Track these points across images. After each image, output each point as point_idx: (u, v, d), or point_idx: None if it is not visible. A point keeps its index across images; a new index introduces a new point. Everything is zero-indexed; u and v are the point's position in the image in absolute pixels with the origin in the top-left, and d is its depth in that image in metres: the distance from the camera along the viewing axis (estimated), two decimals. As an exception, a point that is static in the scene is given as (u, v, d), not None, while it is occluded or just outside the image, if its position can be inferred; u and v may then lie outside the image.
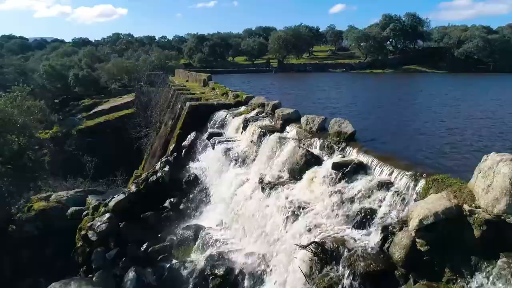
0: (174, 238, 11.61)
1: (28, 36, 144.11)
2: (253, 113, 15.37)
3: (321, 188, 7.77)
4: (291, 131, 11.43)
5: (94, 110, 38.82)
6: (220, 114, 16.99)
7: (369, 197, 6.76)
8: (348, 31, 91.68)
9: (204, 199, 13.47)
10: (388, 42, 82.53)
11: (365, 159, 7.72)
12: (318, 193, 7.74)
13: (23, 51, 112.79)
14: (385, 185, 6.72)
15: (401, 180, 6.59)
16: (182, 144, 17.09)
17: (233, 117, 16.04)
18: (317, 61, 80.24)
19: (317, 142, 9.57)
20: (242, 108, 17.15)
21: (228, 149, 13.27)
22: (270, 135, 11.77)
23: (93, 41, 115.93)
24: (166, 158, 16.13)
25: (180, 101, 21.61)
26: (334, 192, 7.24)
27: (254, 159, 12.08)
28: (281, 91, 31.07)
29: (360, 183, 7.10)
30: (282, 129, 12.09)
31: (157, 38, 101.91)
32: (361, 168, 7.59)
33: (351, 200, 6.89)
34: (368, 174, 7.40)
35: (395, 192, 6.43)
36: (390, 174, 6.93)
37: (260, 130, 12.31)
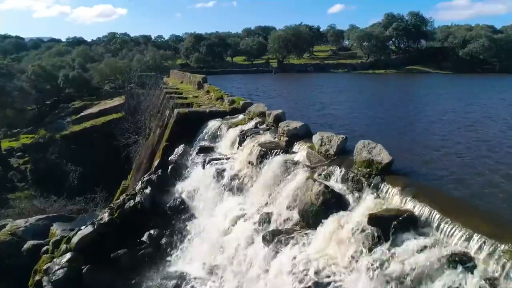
0: (151, 288, 9.08)
1: (28, 36, 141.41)
2: (251, 124, 12.85)
3: (350, 251, 5.25)
4: (300, 151, 8.89)
5: (81, 114, 36.23)
6: (213, 124, 14.46)
7: (433, 278, 4.24)
8: (349, 31, 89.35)
9: (191, 232, 10.94)
10: (391, 42, 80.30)
11: (416, 208, 5.20)
12: (346, 259, 5.22)
13: (18, 51, 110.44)
14: (460, 261, 4.21)
15: (489, 255, 4.07)
16: (169, 159, 14.58)
17: (227, 129, 13.52)
18: (318, 61, 77.81)
19: (338, 172, 7.04)
20: (239, 117, 14.62)
21: (221, 171, 10.75)
22: (272, 156, 9.24)
23: (90, 40, 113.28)
24: (148, 177, 13.59)
25: (169, 106, 19.07)
26: (374, 264, 4.71)
27: (252, 186, 9.57)
28: (282, 93, 28.54)
29: (415, 252, 4.58)
30: (287, 148, 9.56)
31: (153, 38, 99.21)
32: (411, 223, 5.07)
33: (402, 281, 4.37)
34: (425, 235, 4.88)
35: (483, 279, 3.91)
36: (466, 240, 4.41)
37: (260, 148, 9.77)
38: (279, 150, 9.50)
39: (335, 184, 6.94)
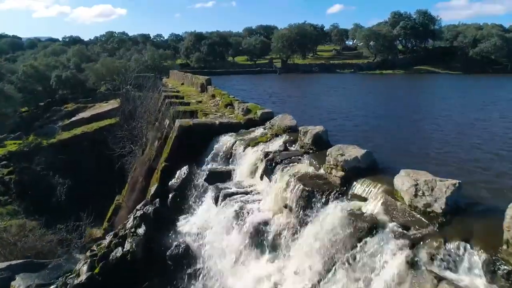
0: None
1: (27, 36, 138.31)
2: (277, 143, 9.78)
3: None
4: (372, 199, 5.81)
5: (72, 119, 33.09)
6: (225, 141, 11.41)
7: None
8: (353, 30, 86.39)
9: (200, 296, 7.89)
10: (398, 41, 77.57)
11: None
12: None
13: (14, 51, 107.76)
14: None
15: None
16: (169, 184, 11.53)
17: (244, 148, 10.45)
18: (323, 61, 74.99)
19: (473, 258, 3.96)
20: (258, 132, 11.55)
21: (242, 214, 7.67)
22: (325, 203, 6.20)
23: (88, 40, 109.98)
24: (142, 211, 10.51)
25: (169, 115, 16.00)
26: None
27: (294, 243, 6.53)
28: (295, 97, 25.47)
29: None
30: (344, 188, 6.49)
31: (152, 37, 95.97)
32: None
33: None
34: None
35: None
36: None
37: (302, 187, 6.71)
38: (333, 192, 6.44)
39: (469, 278, 3.86)
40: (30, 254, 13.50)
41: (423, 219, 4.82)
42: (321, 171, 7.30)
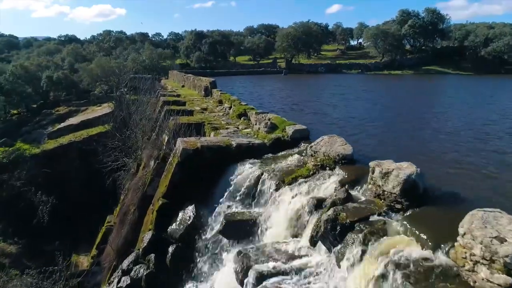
0: None
1: (26, 36, 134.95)
2: (330, 184, 6.54)
3: None
4: None
5: (61, 125, 29.75)
6: (247, 172, 8.16)
7: None
8: (359, 29, 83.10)
9: None
10: (405, 41, 74.43)
11: None
12: None
13: (10, 50, 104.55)
14: None
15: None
16: (169, 231, 8.28)
17: (277, 186, 7.21)
18: (328, 61, 71.76)
19: None
20: (293, 159, 8.31)
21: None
22: None
23: (84, 39, 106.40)
24: (129, 277, 7.26)
25: (167, 129, 12.72)
26: None
27: None
28: (310, 103, 22.04)
29: None
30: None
31: (151, 35, 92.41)
32: None
33: None
34: None
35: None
36: None
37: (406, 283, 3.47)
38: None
39: None
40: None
41: None
42: (441, 256, 4.06)
